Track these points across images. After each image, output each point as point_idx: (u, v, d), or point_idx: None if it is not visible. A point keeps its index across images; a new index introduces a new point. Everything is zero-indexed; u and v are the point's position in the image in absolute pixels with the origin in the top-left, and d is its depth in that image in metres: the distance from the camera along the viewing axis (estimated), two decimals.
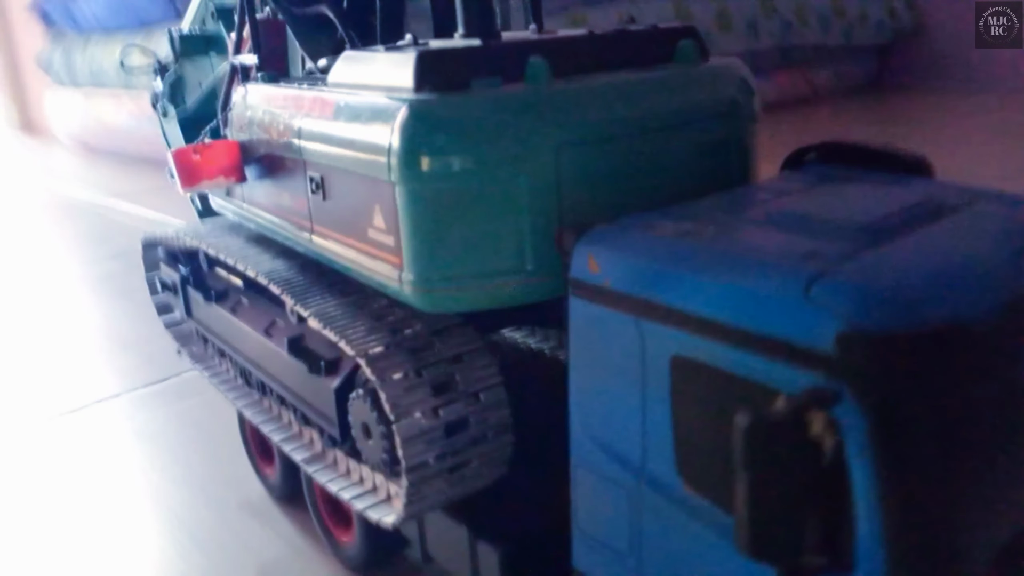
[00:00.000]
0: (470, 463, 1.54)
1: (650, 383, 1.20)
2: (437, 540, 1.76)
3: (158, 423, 3.07)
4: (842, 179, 1.46)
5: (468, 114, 1.37)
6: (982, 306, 1.03)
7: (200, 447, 2.86)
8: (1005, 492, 1.07)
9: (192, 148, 1.91)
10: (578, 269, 1.28)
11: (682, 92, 1.54)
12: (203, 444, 2.87)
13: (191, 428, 3.00)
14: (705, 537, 1.17)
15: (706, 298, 1.11)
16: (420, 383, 1.48)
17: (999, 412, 1.05)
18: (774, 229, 1.21)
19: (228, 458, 2.64)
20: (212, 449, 2.80)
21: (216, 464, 2.71)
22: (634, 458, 1.26)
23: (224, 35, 2.40)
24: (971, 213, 1.26)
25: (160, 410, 3.16)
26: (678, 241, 1.21)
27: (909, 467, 0.97)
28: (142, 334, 3.51)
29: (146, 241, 2.54)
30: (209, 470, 2.70)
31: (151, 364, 3.41)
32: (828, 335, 0.97)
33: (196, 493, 2.58)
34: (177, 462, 2.79)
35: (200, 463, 2.76)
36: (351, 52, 1.63)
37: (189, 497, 2.56)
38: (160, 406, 3.18)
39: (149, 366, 3.42)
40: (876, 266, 1.06)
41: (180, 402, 3.17)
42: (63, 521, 2.52)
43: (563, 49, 1.51)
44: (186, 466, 2.75)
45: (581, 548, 1.40)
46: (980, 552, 1.05)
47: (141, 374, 3.41)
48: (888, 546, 0.98)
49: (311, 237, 1.72)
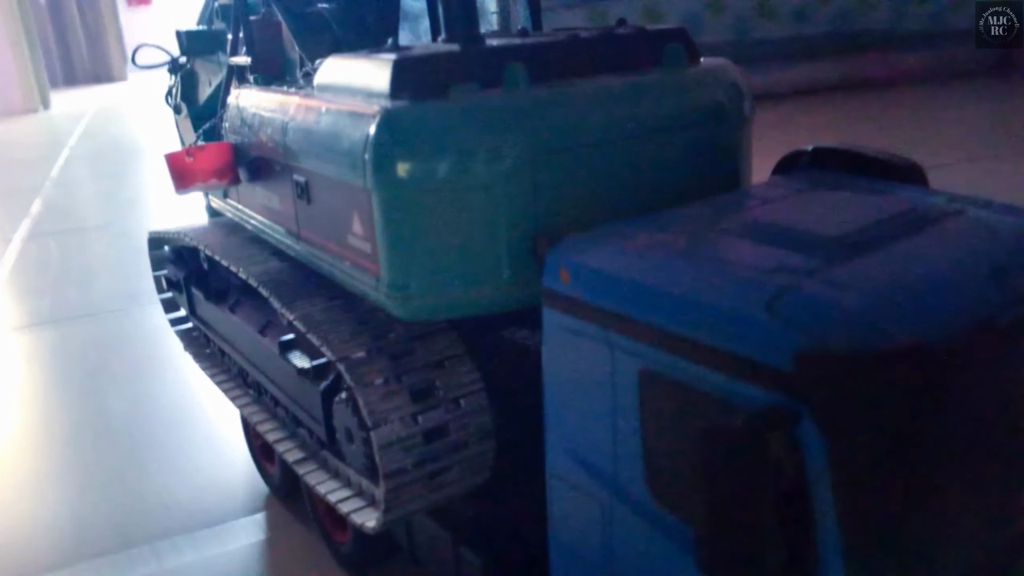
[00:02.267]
0: (451, 469, 1.53)
1: (620, 396, 1.19)
2: (423, 545, 1.77)
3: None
4: (830, 186, 1.43)
5: (443, 121, 1.36)
6: (952, 325, 0.99)
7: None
8: (972, 512, 1.04)
9: (185, 150, 1.92)
10: (550, 279, 1.27)
11: (667, 96, 1.51)
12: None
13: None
14: (674, 554, 1.15)
15: (672, 311, 1.09)
16: (399, 389, 1.48)
17: (966, 432, 1.02)
18: (747, 240, 1.19)
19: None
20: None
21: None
22: (606, 471, 1.24)
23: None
24: (956, 224, 1.22)
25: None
26: (647, 252, 1.19)
27: (870, 489, 0.95)
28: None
29: (152, 238, 2.57)
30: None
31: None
32: (788, 353, 0.95)
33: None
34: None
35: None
36: (335, 56, 1.63)
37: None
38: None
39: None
40: (844, 281, 1.03)
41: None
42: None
43: (544, 53, 1.49)
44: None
45: (557, 558, 1.39)
46: (948, 572, 1.03)
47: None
48: (849, 568, 0.96)
49: (298, 241, 1.73)
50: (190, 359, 2.52)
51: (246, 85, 1.98)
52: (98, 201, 6.99)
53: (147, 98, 11.61)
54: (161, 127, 9.41)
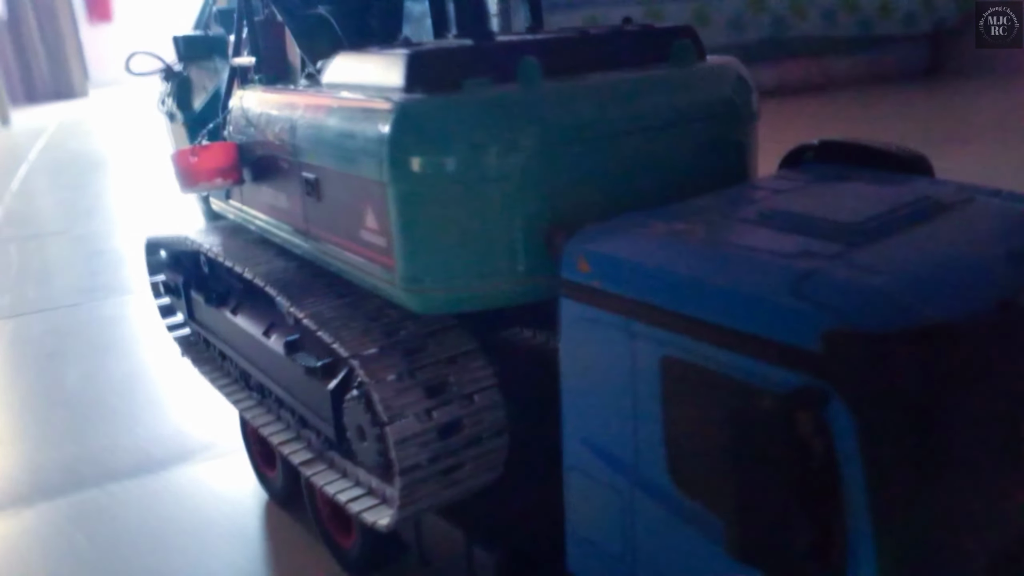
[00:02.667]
0: (464, 465, 1.53)
1: (641, 385, 1.19)
2: (434, 544, 1.76)
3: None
4: (839, 177, 1.44)
5: (458, 115, 1.36)
6: (973, 305, 1.01)
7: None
8: (1000, 494, 1.05)
9: (190, 150, 1.91)
10: (568, 269, 1.27)
11: (676, 92, 1.53)
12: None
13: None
14: (698, 541, 1.15)
15: (696, 298, 1.10)
16: (413, 385, 1.47)
17: (991, 412, 1.03)
18: (766, 228, 1.20)
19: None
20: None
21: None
22: (626, 461, 1.24)
23: (227, 38, 2.41)
24: (967, 212, 1.24)
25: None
26: (668, 241, 1.20)
27: (899, 468, 0.95)
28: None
29: (149, 243, 2.55)
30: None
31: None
32: (815, 334, 0.95)
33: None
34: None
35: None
36: (345, 53, 1.63)
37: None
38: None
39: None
40: (866, 265, 1.04)
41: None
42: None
43: (556, 49, 1.51)
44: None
45: (575, 551, 1.38)
46: (975, 555, 1.03)
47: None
48: (879, 549, 0.96)
49: (306, 239, 1.72)
50: (142, 344, 2.71)
51: (250, 86, 1.98)
52: (57, 209, 7.16)
53: (108, 114, 11.65)
54: (121, 141, 9.52)
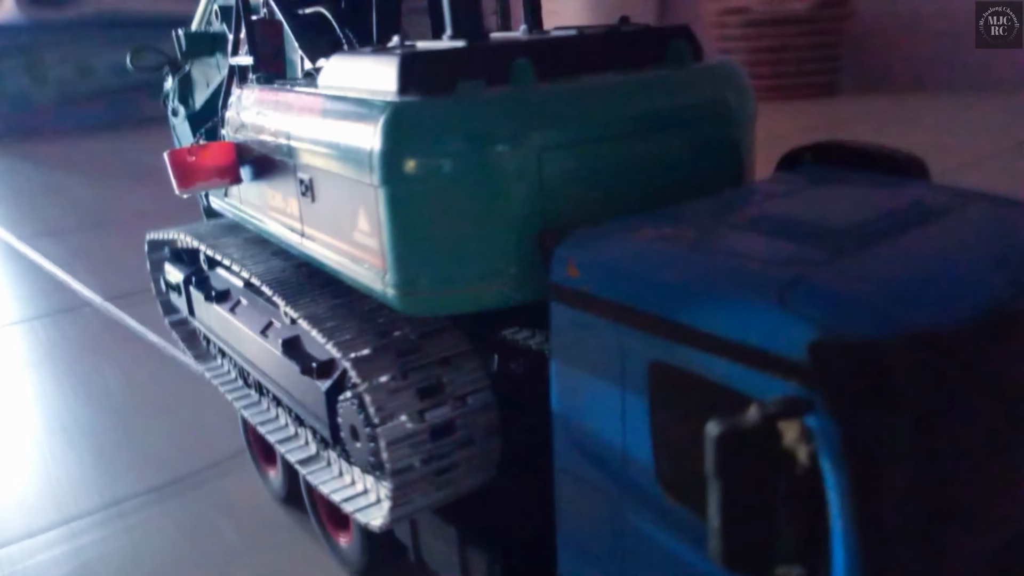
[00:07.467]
0: (457, 467, 1.53)
1: (629, 389, 1.19)
2: (428, 544, 1.76)
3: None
4: (834, 181, 1.44)
5: (451, 116, 1.36)
6: (961, 313, 1.00)
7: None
8: (987, 502, 1.05)
9: (187, 149, 1.91)
10: (558, 273, 1.27)
11: (672, 93, 1.52)
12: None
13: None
14: (686, 546, 1.15)
15: (683, 304, 1.09)
16: (405, 386, 1.47)
17: (979, 419, 1.03)
18: (756, 233, 1.19)
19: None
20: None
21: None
22: (615, 464, 1.24)
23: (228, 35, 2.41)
24: (960, 217, 1.23)
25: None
26: (657, 245, 1.20)
27: (884, 476, 0.95)
28: None
29: (151, 241, 2.56)
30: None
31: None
32: (801, 342, 0.95)
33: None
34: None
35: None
36: (340, 54, 1.63)
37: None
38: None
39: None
40: (853, 272, 1.04)
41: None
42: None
43: (550, 50, 1.50)
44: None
45: (566, 554, 1.39)
46: (963, 561, 1.03)
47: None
48: (864, 557, 0.96)
49: (302, 239, 1.72)
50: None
51: (248, 85, 1.98)
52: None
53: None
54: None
